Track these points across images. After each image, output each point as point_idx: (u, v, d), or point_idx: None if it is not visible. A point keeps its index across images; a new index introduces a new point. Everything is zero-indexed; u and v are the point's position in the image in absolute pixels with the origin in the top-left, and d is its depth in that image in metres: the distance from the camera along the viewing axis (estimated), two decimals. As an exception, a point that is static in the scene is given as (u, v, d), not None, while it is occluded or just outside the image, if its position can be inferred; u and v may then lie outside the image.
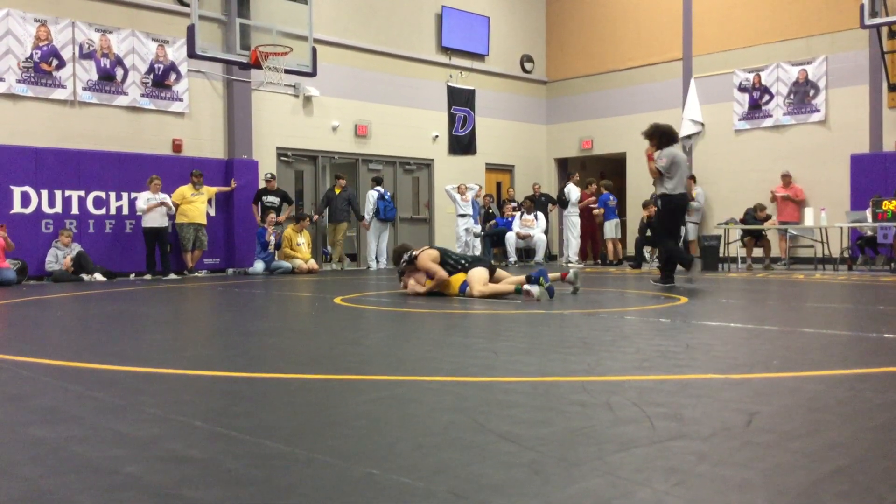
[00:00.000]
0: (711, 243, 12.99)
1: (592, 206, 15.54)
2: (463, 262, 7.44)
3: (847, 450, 2.06)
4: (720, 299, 7.30)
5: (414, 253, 7.49)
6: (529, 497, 1.71)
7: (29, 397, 2.92)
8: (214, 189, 12.73)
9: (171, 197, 12.07)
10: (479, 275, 7.20)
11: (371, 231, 14.08)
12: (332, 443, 2.20)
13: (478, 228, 15.74)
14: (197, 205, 12.29)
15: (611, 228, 15.32)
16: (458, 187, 15.29)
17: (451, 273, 7.32)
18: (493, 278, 7.34)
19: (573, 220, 15.36)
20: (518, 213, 15.61)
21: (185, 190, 12.21)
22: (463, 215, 15.22)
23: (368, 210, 14.01)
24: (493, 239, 15.58)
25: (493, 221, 15.71)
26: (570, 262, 15.20)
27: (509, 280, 7.27)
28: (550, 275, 7.34)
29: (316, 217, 13.77)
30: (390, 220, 14.24)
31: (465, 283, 7.24)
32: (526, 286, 6.86)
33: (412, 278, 7.50)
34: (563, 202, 15.51)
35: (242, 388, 3.13)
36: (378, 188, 14.14)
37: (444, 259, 7.41)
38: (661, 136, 8.78)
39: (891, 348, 3.93)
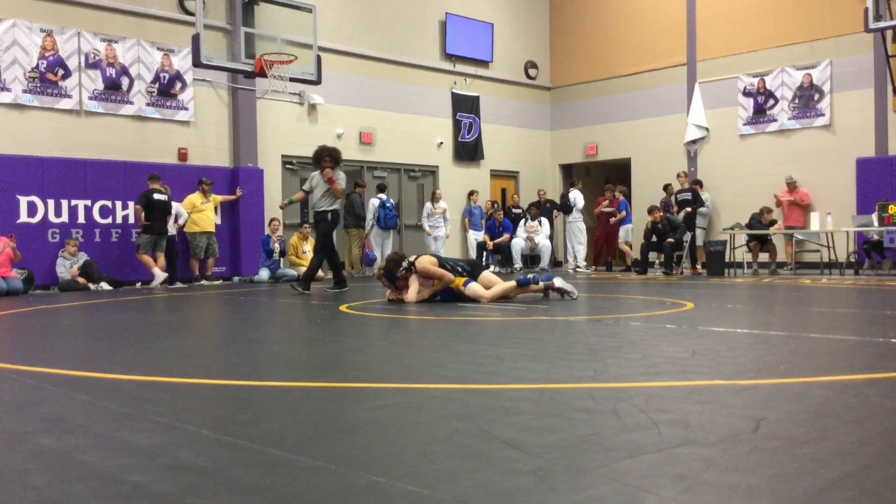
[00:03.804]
0: (717, 248, 12.96)
1: (607, 210, 15.56)
2: (458, 268, 7.56)
3: (855, 455, 2.05)
4: (726, 304, 7.29)
5: (411, 260, 7.53)
6: (536, 504, 1.70)
7: (35, 406, 2.93)
8: (220, 197, 12.77)
9: (181, 205, 12.15)
10: (477, 288, 7.35)
11: (373, 239, 14.13)
12: (338, 450, 2.20)
13: (480, 235, 15.72)
14: (207, 213, 12.36)
15: (626, 233, 15.38)
16: (434, 193, 15.29)
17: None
18: (483, 283, 7.53)
19: (579, 225, 15.34)
20: (523, 220, 15.62)
21: (195, 198, 12.26)
22: (435, 226, 15.02)
23: (369, 218, 14.08)
24: (495, 247, 15.54)
25: (489, 241, 15.59)
26: (578, 268, 15.19)
27: (502, 285, 7.45)
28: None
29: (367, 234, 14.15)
30: (391, 228, 14.26)
31: (466, 282, 7.39)
32: (558, 284, 7.43)
33: (414, 285, 7.48)
34: (566, 208, 15.48)
35: (248, 396, 3.13)
36: (380, 195, 14.18)
37: (441, 264, 7.53)
38: (334, 158, 9.44)
39: (898, 353, 3.91)
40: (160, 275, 11.51)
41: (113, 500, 1.80)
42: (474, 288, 7.31)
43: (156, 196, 11.40)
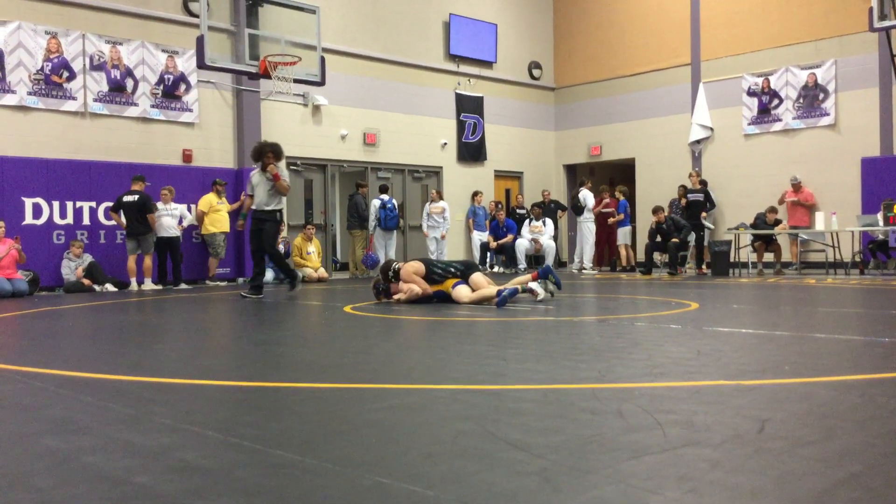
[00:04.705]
0: (722, 248, 12.93)
1: (606, 210, 15.51)
2: (451, 269, 7.67)
3: (860, 456, 2.05)
4: (731, 305, 7.27)
5: (397, 266, 7.78)
6: (540, 505, 1.70)
7: (41, 408, 2.93)
8: (228, 206, 12.78)
9: (198, 206, 12.21)
10: (460, 292, 7.41)
11: (376, 241, 14.14)
12: (343, 451, 2.20)
13: (484, 236, 15.71)
14: (223, 213, 12.42)
15: (624, 235, 15.32)
16: (431, 194, 15.28)
17: (440, 281, 7.59)
18: (472, 284, 7.56)
19: (589, 226, 15.21)
20: (527, 220, 15.60)
21: (212, 198, 12.32)
22: (434, 226, 15.01)
23: (371, 219, 14.09)
24: (499, 248, 15.53)
25: (493, 241, 15.56)
26: (584, 268, 15.16)
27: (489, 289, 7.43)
28: (521, 277, 7.80)
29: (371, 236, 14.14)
30: (393, 229, 14.24)
31: (455, 284, 7.48)
32: (531, 284, 7.39)
33: (405, 287, 7.66)
34: (577, 209, 15.38)
35: (253, 397, 3.14)
36: (382, 196, 14.18)
37: (429, 270, 7.64)
38: (276, 153, 8.97)
39: (904, 353, 3.90)
40: (134, 285, 11.41)
41: (118, 502, 1.80)
42: (458, 291, 7.43)
43: (125, 198, 11.29)
